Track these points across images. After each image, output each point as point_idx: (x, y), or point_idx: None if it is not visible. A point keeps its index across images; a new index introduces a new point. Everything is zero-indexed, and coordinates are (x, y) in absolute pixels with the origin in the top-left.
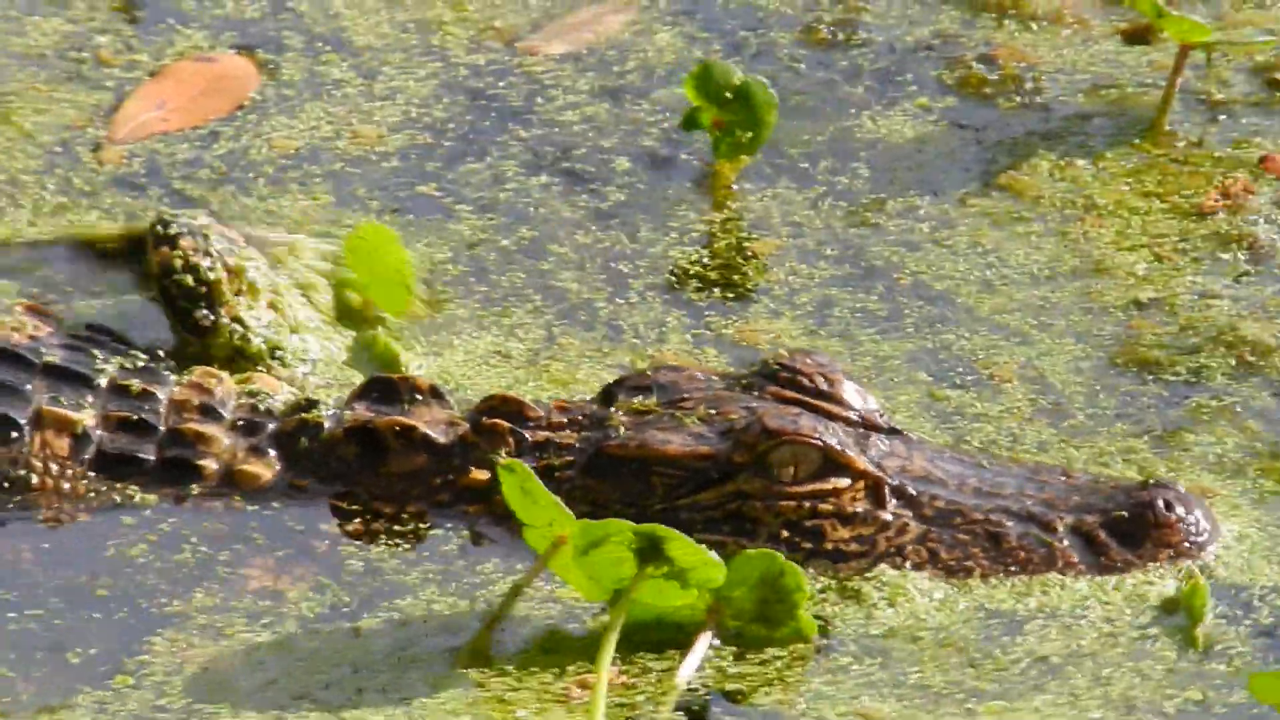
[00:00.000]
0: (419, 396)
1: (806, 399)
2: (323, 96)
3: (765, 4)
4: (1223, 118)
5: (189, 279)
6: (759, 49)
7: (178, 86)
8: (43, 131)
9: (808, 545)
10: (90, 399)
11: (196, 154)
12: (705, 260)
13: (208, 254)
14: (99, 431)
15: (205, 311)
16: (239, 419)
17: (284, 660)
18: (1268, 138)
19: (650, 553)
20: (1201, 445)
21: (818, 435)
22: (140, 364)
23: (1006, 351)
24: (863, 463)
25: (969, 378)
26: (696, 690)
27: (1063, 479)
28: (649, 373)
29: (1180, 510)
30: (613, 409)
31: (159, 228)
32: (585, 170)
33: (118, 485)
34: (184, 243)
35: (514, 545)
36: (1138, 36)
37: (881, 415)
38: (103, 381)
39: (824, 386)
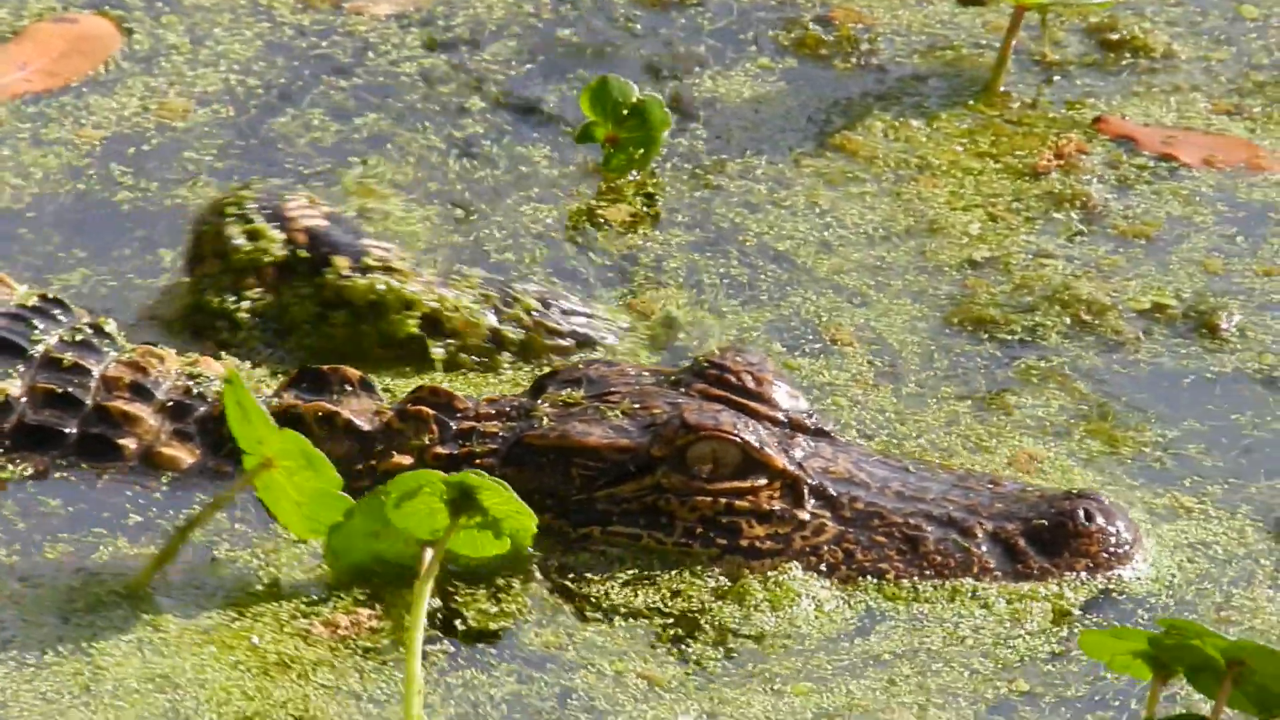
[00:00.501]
0: (348, 387)
1: (734, 397)
2: (158, 61)
3: None
4: (1057, 79)
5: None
6: (596, 5)
7: (38, 48)
8: None
9: (722, 541)
10: (21, 369)
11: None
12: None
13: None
14: (23, 402)
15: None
16: (170, 400)
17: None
18: (1101, 99)
19: (463, 503)
20: (1025, 408)
21: (736, 432)
22: (81, 338)
23: (847, 314)
24: (782, 462)
25: (816, 345)
26: (458, 628)
27: (989, 486)
28: (580, 366)
29: (1100, 521)
30: (539, 400)
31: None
32: (427, 117)
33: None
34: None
35: None
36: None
37: (810, 417)
38: (37, 352)
39: (752, 385)
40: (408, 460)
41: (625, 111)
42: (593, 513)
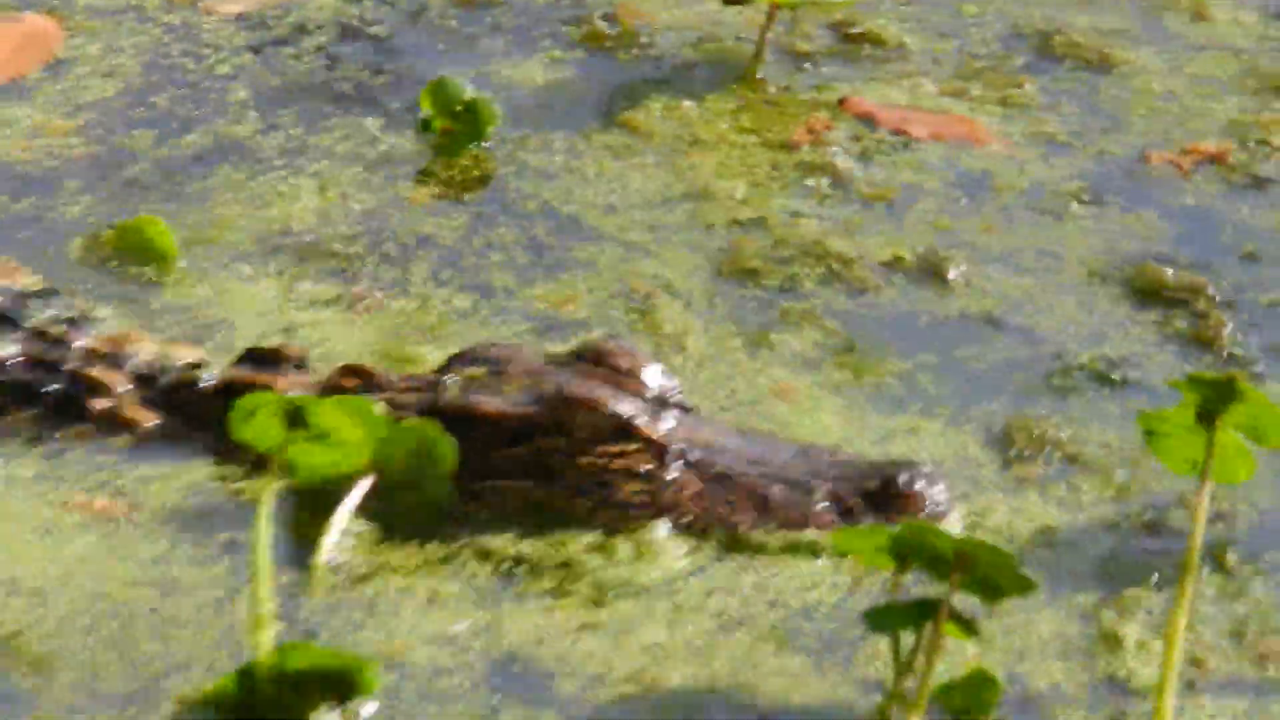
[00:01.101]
0: (288, 364)
1: (611, 376)
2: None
3: None
4: (807, 67)
5: None
6: (418, 6)
7: None
8: None
9: (601, 495)
10: (12, 338)
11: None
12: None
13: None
14: (10, 365)
15: None
16: (139, 373)
17: None
18: (845, 83)
19: (297, 419)
20: (785, 345)
21: (609, 404)
22: (69, 317)
23: (636, 265)
24: (649, 430)
25: (618, 289)
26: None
27: (827, 456)
28: (482, 348)
29: (921, 484)
30: (446, 376)
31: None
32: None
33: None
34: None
35: None
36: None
37: (677, 393)
38: (29, 325)
39: (625, 365)
40: None
41: (459, 108)
42: (490, 469)
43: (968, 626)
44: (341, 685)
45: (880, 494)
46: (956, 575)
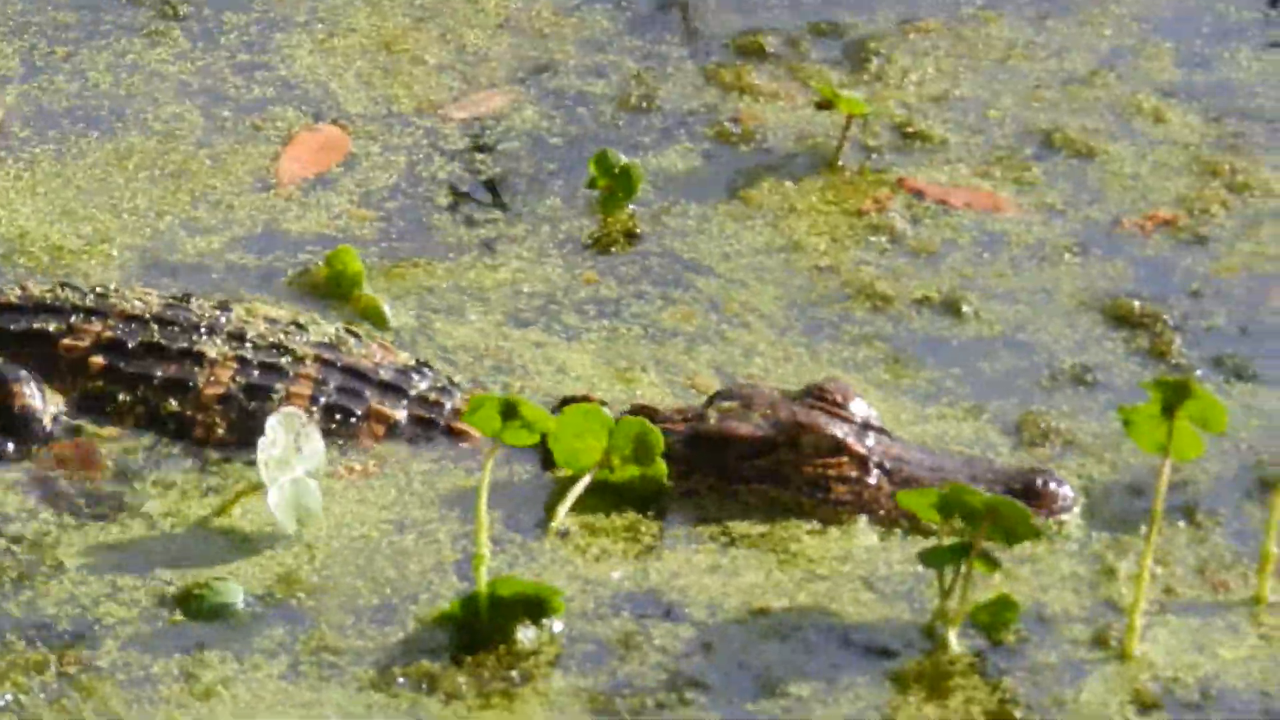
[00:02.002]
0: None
1: (829, 408)
2: None
3: None
4: (875, 156)
5: None
6: (595, 111)
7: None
8: None
9: (819, 496)
10: (404, 403)
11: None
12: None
13: None
14: (403, 424)
15: None
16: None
17: None
18: (901, 167)
19: (509, 413)
20: (840, 353)
21: (829, 428)
22: (442, 385)
23: (738, 294)
24: (856, 446)
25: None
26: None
27: (985, 464)
28: (736, 388)
29: (1053, 485)
30: (709, 409)
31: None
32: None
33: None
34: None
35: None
36: (824, 106)
37: (876, 420)
38: (414, 393)
39: (839, 400)
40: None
41: (616, 171)
42: (739, 476)
43: (992, 562)
44: (539, 608)
45: (1024, 493)
46: (985, 525)
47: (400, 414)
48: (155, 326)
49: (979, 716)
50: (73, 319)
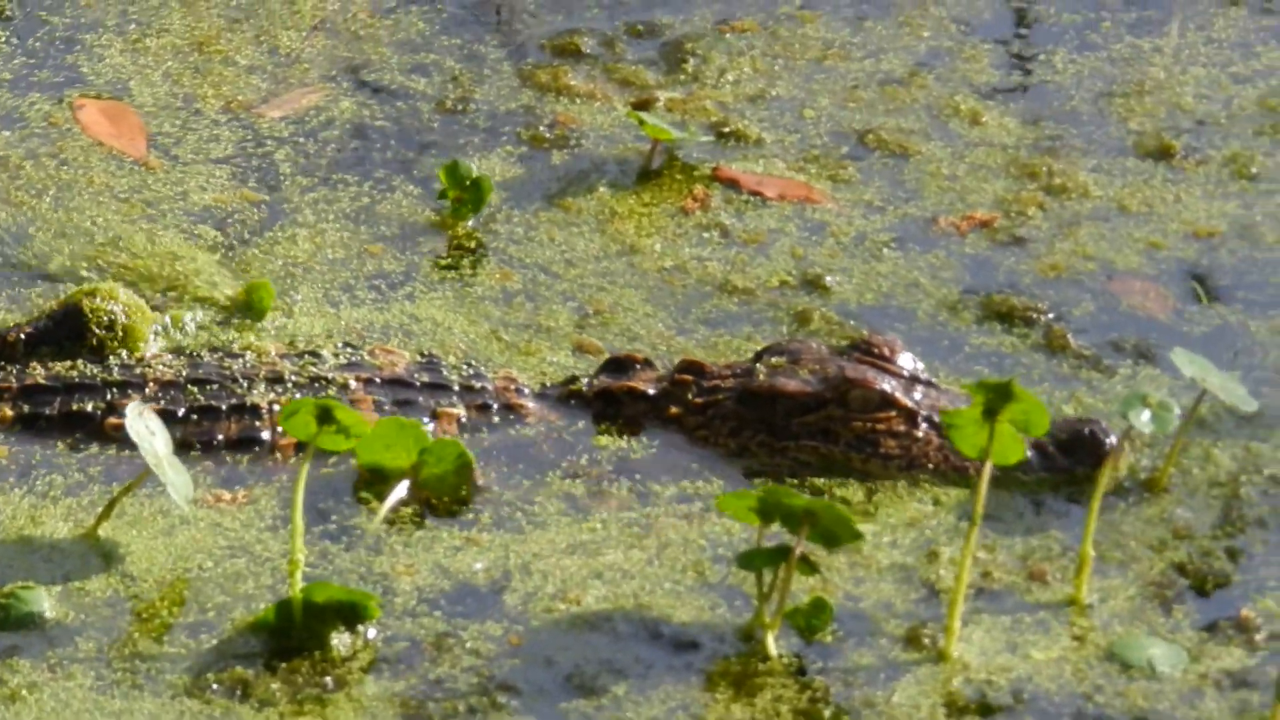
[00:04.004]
0: (637, 366)
1: (877, 362)
2: None
3: None
4: (690, 154)
5: None
6: (412, 110)
7: None
8: None
9: (868, 450)
10: (454, 397)
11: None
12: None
13: None
14: (463, 419)
15: None
16: (546, 393)
17: None
18: (716, 161)
19: (326, 417)
20: (711, 340)
21: (878, 383)
22: (470, 370)
23: (595, 297)
24: (906, 400)
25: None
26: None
27: None
28: (784, 344)
29: (1099, 433)
30: (757, 364)
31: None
32: None
33: None
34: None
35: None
36: (641, 106)
37: (924, 372)
38: (456, 386)
39: (888, 353)
40: (677, 410)
41: (468, 183)
42: (789, 432)
43: (811, 566)
44: (353, 614)
45: (1070, 442)
46: (805, 528)
47: (460, 409)
48: (194, 388)
49: (787, 716)
50: (109, 395)
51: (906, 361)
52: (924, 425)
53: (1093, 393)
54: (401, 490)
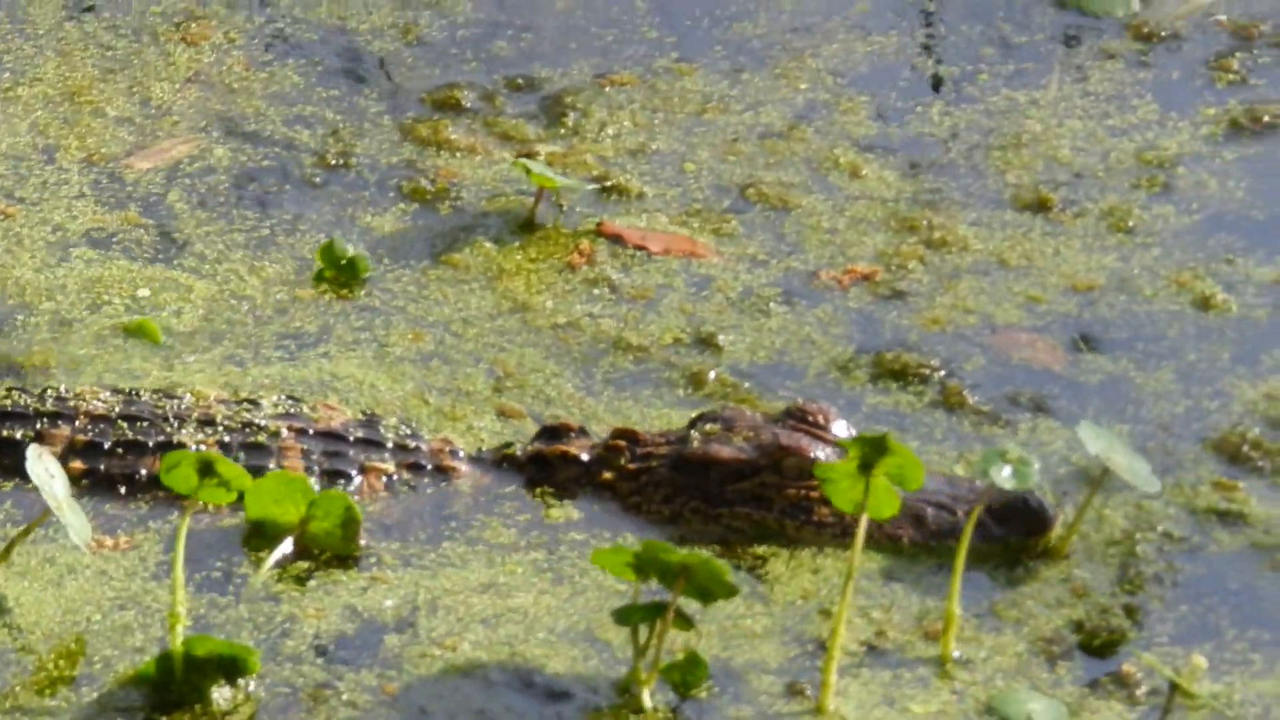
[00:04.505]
0: (572, 434)
1: (811, 429)
2: None
3: None
4: (574, 210)
5: None
6: (296, 163)
7: None
8: None
9: (802, 518)
10: (387, 455)
11: None
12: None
13: None
14: (395, 475)
15: None
16: (473, 455)
17: None
18: (599, 215)
19: (207, 470)
20: (610, 402)
21: (812, 450)
22: (408, 431)
23: (496, 358)
24: None
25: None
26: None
27: (967, 485)
28: (718, 411)
29: (1035, 504)
30: (692, 431)
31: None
32: None
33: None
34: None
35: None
36: (526, 154)
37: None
38: (390, 444)
39: (821, 421)
40: (610, 475)
41: (343, 262)
42: (723, 499)
43: (687, 621)
44: (234, 667)
45: (1003, 512)
46: (680, 583)
47: (390, 465)
48: (124, 424)
49: None
50: (39, 424)
51: (840, 429)
52: None
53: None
54: (287, 545)
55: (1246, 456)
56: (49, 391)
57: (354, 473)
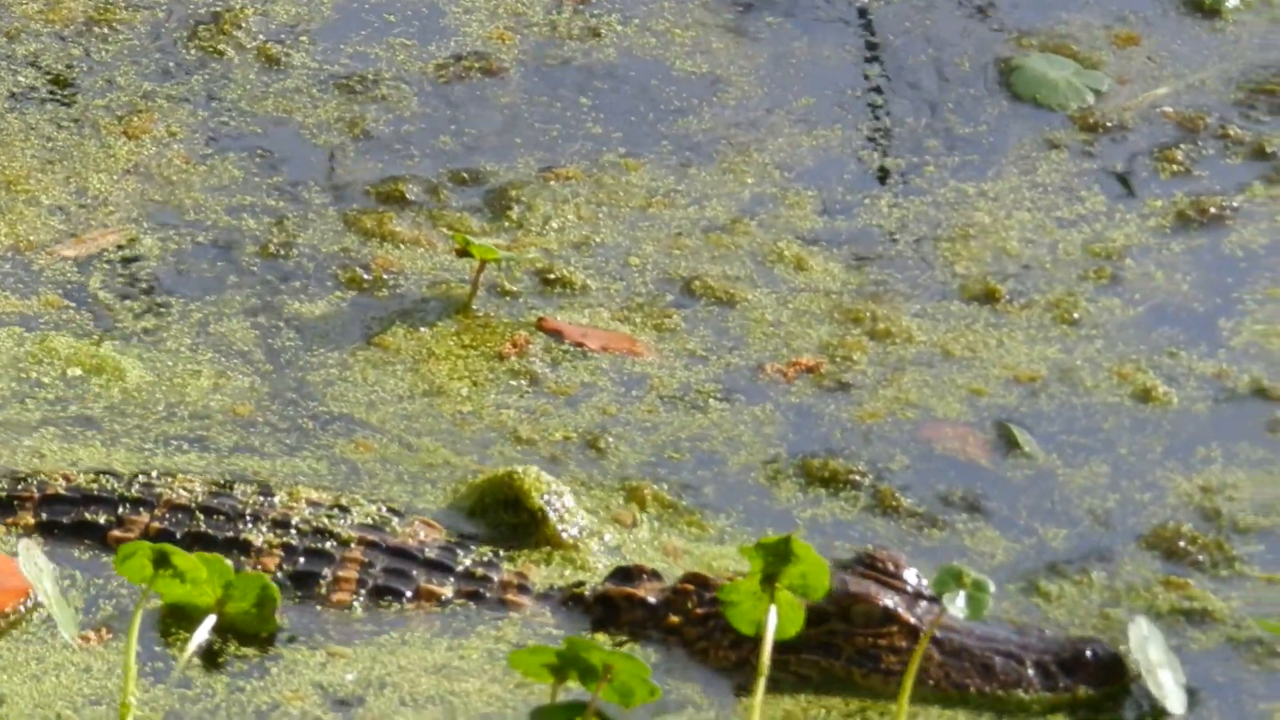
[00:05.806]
0: (644, 576)
1: (880, 576)
2: None
3: None
4: (517, 300)
5: None
6: (231, 249)
7: None
8: None
9: (870, 665)
10: (451, 580)
11: None
12: None
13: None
14: (453, 600)
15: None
16: (543, 593)
17: None
18: (542, 311)
19: (161, 562)
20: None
21: (881, 598)
22: (487, 559)
23: (390, 447)
24: (908, 616)
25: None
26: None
27: (1036, 634)
28: None
29: (1101, 654)
30: None
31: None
32: None
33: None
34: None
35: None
36: (463, 254)
37: (926, 590)
38: (460, 569)
39: (892, 569)
40: (677, 620)
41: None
42: (790, 646)
43: None
44: None
45: (1072, 662)
46: (602, 684)
47: (448, 590)
48: (201, 516)
49: None
50: (120, 510)
51: (910, 577)
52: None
53: (942, 556)
54: (206, 626)
55: (1184, 551)
56: (139, 477)
57: (408, 592)
